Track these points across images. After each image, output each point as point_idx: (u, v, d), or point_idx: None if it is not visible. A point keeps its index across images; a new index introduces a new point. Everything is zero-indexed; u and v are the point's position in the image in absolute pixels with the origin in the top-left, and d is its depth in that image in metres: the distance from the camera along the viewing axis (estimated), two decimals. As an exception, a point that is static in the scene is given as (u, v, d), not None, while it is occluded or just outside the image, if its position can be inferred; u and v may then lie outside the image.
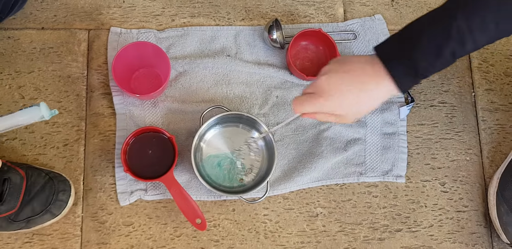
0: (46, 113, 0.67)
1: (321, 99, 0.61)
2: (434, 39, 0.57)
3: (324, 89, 0.61)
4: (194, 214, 0.81)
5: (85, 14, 0.93)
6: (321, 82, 0.61)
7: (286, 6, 0.98)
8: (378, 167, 0.91)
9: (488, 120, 0.96)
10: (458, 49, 0.58)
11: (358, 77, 0.60)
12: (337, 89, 0.61)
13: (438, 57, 0.58)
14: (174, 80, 0.91)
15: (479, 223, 0.91)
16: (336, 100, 0.61)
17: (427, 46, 0.58)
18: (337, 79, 0.60)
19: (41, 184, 0.79)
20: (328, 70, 0.61)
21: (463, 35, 0.57)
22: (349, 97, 0.61)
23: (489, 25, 0.57)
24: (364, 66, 0.60)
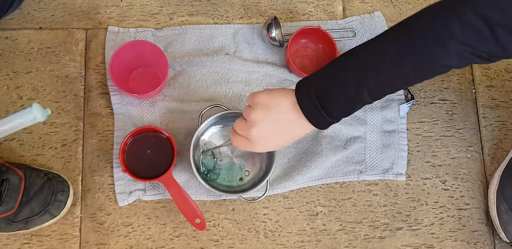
0: (39, 115, 0.66)
1: (252, 145, 0.68)
2: (348, 98, 0.62)
3: (254, 138, 0.67)
4: (193, 214, 0.80)
5: (83, 13, 0.93)
6: (251, 131, 0.66)
7: (285, 4, 0.97)
8: (378, 165, 0.91)
9: (489, 117, 0.95)
10: (370, 101, 0.63)
11: (285, 128, 0.66)
12: (264, 140, 0.67)
13: (352, 109, 0.64)
14: (173, 80, 0.90)
15: (480, 221, 0.90)
16: (262, 145, 0.68)
17: (342, 103, 0.63)
18: (265, 132, 0.66)
19: (39, 185, 0.79)
20: (256, 121, 0.66)
21: (375, 94, 0.62)
22: (274, 142, 0.68)
23: (395, 82, 0.61)
24: (288, 116, 0.65)
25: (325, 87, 0.62)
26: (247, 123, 0.67)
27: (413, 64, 0.58)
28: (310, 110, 0.63)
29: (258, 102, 0.66)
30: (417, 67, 0.59)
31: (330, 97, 0.62)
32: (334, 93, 0.62)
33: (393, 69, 0.59)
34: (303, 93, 0.64)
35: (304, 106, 0.63)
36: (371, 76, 0.60)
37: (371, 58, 0.60)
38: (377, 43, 0.61)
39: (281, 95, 0.65)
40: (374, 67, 0.60)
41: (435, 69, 0.59)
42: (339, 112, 0.64)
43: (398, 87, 0.61)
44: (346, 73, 0.61)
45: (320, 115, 0.63)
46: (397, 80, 0.60)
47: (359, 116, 0.92)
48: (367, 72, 0.60)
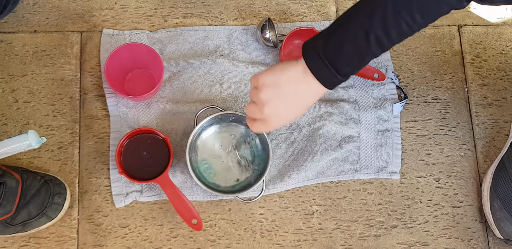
0: (34, 142, 0.66)
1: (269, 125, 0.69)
2: (356, 48, 0.62)
3: (269, 117, 0.68)
4: (190, 214, 0.81)
5: (77, 16, 0.93)
6: (264, 112, 0.67)
7: (278, 5, 0.98)
8: (373, 164, 0.92)
9: (481, 115, 0.96)
10: (378, 52, 0.63)
11: (296, 99, 0.67)
12: (279, 115, 0.68)
13: (361, 62, 0.64)
14: (168, 81, 0.91)
15: (474, 218, 0.91)
16: (278, 121, 0.69)
17: (350, 56, 0.63)
18: (278, 108, 0.67)
19: (36, 188, 0.79)
20: (266, 100, 0.66)
21: (383, 42, 0.62)
22: (289, 114, 0.69)
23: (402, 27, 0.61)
24: (297, 87, 0.66)
25: (332, 41, 0.62)
26: (258, 105, 0.67)
27: (417, 5, 0.59)
28: (319, 68, 0.63)
29: (264, 83, 0.66)
30: (421, 8, 0.59)
31: (338, 51, 0.62)
32: (341, 46, 0.62)
33: (399, 13, 0.60)
34: (311, 53, 0.64)
35: (313, 65, 0.63)
36: (377, 22, 0.60)
37: (375, 5, 0.61)
38: None
39: (285, 69, 0.66)
40: (379, 13, 0.60)
41: (439, 9, 0.60)
42: (348, 67, 0.64)
43: (404, 32, 0.62)
44: (352, 25, 0.62)
45: (329, 72, 0.63)
46: (403, 23, 0.61)
47: (353, 116, 0.93)
48: (373, 19, 0.60)
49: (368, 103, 0.94)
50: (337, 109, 0.92)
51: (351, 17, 0.63)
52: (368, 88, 0.95)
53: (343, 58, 0.63)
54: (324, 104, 0.92)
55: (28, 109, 0.88)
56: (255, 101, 0.68)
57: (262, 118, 0.68)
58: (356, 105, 0.93)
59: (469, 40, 1.00)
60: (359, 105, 0.94)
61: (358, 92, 0.94)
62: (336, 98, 0.94)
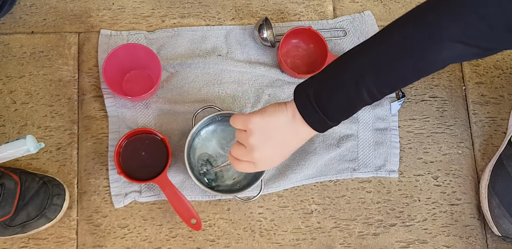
0: (32, 147, 0.66)
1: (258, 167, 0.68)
2: (348, 99, 0.62)
3: (258, 161, 0.67)
4: (189, 214, 0.81)
5: (75, 17, 0.93)
6: (254, 156, 0.66)
7: (275, 5, 0.98)
8: (371, 162, 0.92)
9: (479, 113, 0.96)
10: (369, 102, 0.63)
11: (286, 143, 0.67)
12: (269, 159, 0.67)
13: (352, 111, 0.64)
14: (166, 81, 0.91)
15: (472, 216, 0.91)
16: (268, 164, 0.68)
17: (342, 105, 0.63)
18: (268, 153, 0.66)
19: (35, 189, 0.79)
20: (256, 145, 0.66)
21: (374, 95, 0.62)
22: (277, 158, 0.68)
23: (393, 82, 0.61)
24: (287, 131, 0.66)
25: (323, 90, 0.62)
26: (247, 148, 0.66)
27: (410, 63, 0.59)
28: (309, 114, 0.63)
29: (254, 127, 0.65)
30: (414, 67, 0.59)
31: (329, 99, 0.62)
32: (333, 96, 0.62)
33: (391, 70, 0.60)
34: (302, 98, 0.63)
35: (303, 110, 0.63)
36: (369, 78, 0.60)
37: (368, 60, 0.60)
38: (372, 45, 0.62)
39: (275, 113, 0.65)
40: (371, 69, 0.60)
41: (433, 66, 0.60)
42: (339, 115, 0.64)
43: (397, 86, 0.62)
44: (344, 75, 0.62)
45: (320, 119, 0.63)
46: (395, 80, 0.61)
47: (351, 114, 0.93)
48: (364, 74, 0.60)
49: (366, 102, 0.94)
50: (335, 108, 0.92)
51: (343, 67, 0.63)
52: (366, 87, 0.95)
53: (334, 107, 0.63)
54: (322, 103, 0.92)
55: (26, 111, 0.88)
56: (245, 144, 0.67)
57: (251, 161, 0.67)
58: (354, 104, 0.94)
59: (466, 39, 1.00)
60: (357, 104, 0.94)
61: (355, 91, 0.95)
62: (334, 98, 0.94)
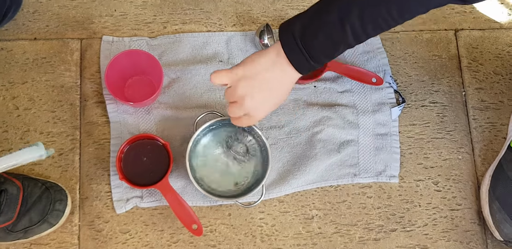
0: (45, 153, 0.69)
1: (253, 117, 0.70)
2: (332, 37, 0.63)
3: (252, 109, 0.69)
4: (190, 219, 0.81)
5: (77, 23, 0.94)
6: (246, 106, 0.68)
7: (276, 11, 0.99)
8: (372, 167, 0.92)
9: (479, 118, 0.97)
10: (353, 43, 0.64)
11: (274, 85, 0.68)
12: (262, 105, 0.69)
13: (335, 51, 0.65)
14: (167, 87, 0.92)
15: (473, 221, 0.91)
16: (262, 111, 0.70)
17: (325, 43, 0.63)
18: (259, 99, 0.67)
19: (37, 194, 0.80)
20: (245, 94, 0.67)
21: (358, 33, 0.63)
22: (270, 103, 0.69)
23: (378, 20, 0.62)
24: (273, 73, 0.66)
25: (309, 27, 0.63)
26: (238, 102, 0.67)
27: (397, 4, 0.60)
28: (292, 51, 0.64)
29: (238, 78, 0.66)
30: (400, 7, 0.61)
31: (314, 37, 0.63)
32: (317, 33, 0.62)
33: (378, 9, 0.61)
34: (286, 35, 0.64)
35: (287, 47, 0.64)
36: (355, 13, 0.61)
37: (354, 4, 0.61)
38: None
39: (257, 58, 0.67)
40: (358, 7, 0.61)
41: (417, 8, 0.62)
42: (321, 54, 0.64)
43: (381, 26, 0.63)
44: (329, 12, 0.62)
45: (303, 57, 0.64)
46: (380, 20, 0.62)
47: (352, 120, 0.93)
48: (350, 9, 0.61)
49: (366, 107, 0.95)
50: (336, 113, 0.93)
51: (329, 5, 0.63)
52: (366, 93, 0.95)
53: (317, 44, 0.63)
54: (322, 109, 0.93)
55: (28, 116, 0.89)
56: (234, 99, 0.68)
57: (245, 114, 0.69)
58: (355, 110, 0.94)
59: (465, 44, 1.00)
60: (357, 109, 0.94)
61: (356, 96, 0.95)
62: (334, 103, 0.94)
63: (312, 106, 0.93)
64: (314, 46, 0.63)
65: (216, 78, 0.68)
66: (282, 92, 0.69)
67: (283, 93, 0.69)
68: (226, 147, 0.87)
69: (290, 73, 0.67)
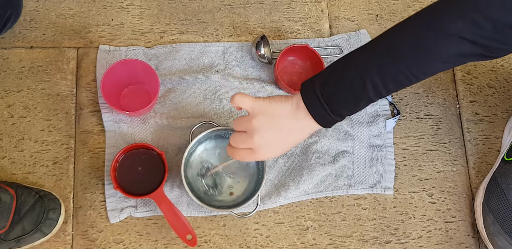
0: None
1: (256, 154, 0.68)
2: (353, 93, 0.63)
3: (258, 146, 0.67)
4: (184, 230, 0.81)
5: (74, 32, 0.94)
6: (254, 140, 0.66)
7: (273, 22, 0.99)
8: (367, 179, 0.92)
9: (473, 131, 0.97)
10: (374, 98, 0.64)
11: (288, 133, 0.67)
12: (268, 146, 0.67)
13: (356, 106, 0.65)
14: (163, 97, 0.92)
15: (467, 233, 0.92)
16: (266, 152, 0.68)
17: (346, 99, 0.64)
18: (269, 138, 0.67)
19: (31, 203, 0.79)
20: (258, 128, 0.66)
21: (378, 90, 0.63)
22: (277, 147, 0.68)
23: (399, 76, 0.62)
24: (291, 121, 0.66)
25: (330, 83, 0.64)
26: (248, 133, 0.67)
27: (416, 61, 0.61)
28: (313, 105, 0.64)
29: (259, 110, 0.66)
30: (419, 64, 0.61)
31: (335, 93, 0.63)
32: (339, 89, 0.63)
33: (397, 66, 0.61)
34: (307, 89, 0.65)
35: (309, 103, 0.64)
36: (375, 72, 0.61)
37: (375, 56, 0.62)
38: (380, 42, 0.63)
39: (280, 102, 0.66)
40: (378, 63, 0.61)
41: (437, 66, 0.62)
42: (344, 109, 0.65)
43: (402, 83, 0.63)
44: (350, 69, 0.63)
45: (324, 111, 0.64)
46: (400, 76, 0.62)
47: (347, 131, 0.94)
48: (371, 69, 0.62)
49: (362, 119, 0.95)
50: (331, 125, 0.93)
51: (349, 62, 0.64)
52: (362, 104, 0.96)
53: (339, 101, 0.64)
54: (318, 120, 0.93)
55: (23, 125, 0.88)
56: (245, 128, 0.67)
57: (250, 147, 0.67)
58: (350, 121, 0.95)
59: (459, 58, 1.01)
60: (352, 121, 0.95)
61: (351, 108, 0.96)
62: (330, 114, 0.95)
63: (307, 117, 0.93)
64: (334, 100, 0.64)
65: (239, 100, 0.67)
66: (295, 141, 0.68)
67: (295, 141, 0.69)
68: (200, 175, 0.86)
69: (309, 125, 0.67)
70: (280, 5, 1.00)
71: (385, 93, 0.64)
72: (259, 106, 0.66)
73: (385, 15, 1.02)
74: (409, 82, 0.63)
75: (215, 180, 0.87)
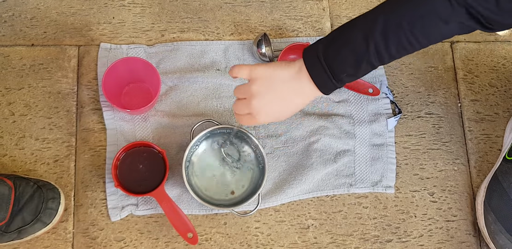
0: None
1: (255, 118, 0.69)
2: (354, 53, 0.63)
3: (256, 110, 0.67)
4: (185, 228, 0.81)
5: (75, 30, 0.94)
6: (253, 105, 0.67)
7: (274, 21, 0.99)
8: (368, 178, 0.92)
9: (474, 130, 0.97)
10: (375, 62, 0.64)
11: (287, 96, 0.67)
12: (267, 109, 0.67)
13: (357, 69, 0.65)
14: (165, 95, 0.92)
15: (468, 232, 0.91)
16: (265, 116, 0.68)
17: (348, 60, 0.64)
18: (267, 101, 0.67)
19: (29, 193, 0.79)
20: (257, 93, 0.66)
21: (381, 52, 0.63)
22: (276, 111, 0.68)
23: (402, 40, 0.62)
24: (290, 85, 0.66)
25: (332, 45, 0.64)
26: (247, 98, 0.67)
27: (418, 23, 0.60)
28: (315, 70, 0.64)
29: (257, 75, 0.66)
30: (423, 26, 0.61)
31: (337, 55, 0.63)
32: (341, 51, 0.63)
33: (401, 31, 0.61)
34: (310, 54, 0.65)
35: (310, 66, 0.64)
36: (378, 35, 0.61)
37: (378, 19, 0.62)
38: (384, 7, 0.63)
39: (281, 66, 0.67)
40: (381, 27, 0.61)
41: (440, 29, 0.62)
42: (344, 73, 0.64)
43: (405, 48, 0.63)
44: (354, 32, 0.63)
45: (325, 75, 0.64)
46: (403, 39, 0.62)
47: (348, 130, 0.94)
48: (374, 31, 0.61)
49: (363, 117, 0.95)
50: (332, 123, 0.93)
51: (354, 24, 0.65)
52: (363, 103, 0.96)
53: (340, 62, 0.64)
54: (319, 118, 0.93)
55: (24, 122, 0.88)
56: (244, 94, 0.67)
57: (250, 112, 0.68)
58: (351, 120, 0.94)
59: (461, 56, 1.01)
60: (354, 119, 0.95)
61: (352, 107, 0.96)
62: (331, 113, 0.95)
63: (308, 116, 0.93)
64: (337, 63, 0.64)
65: (238, 70, 0.68)
66: (293, 106, 0.68)
67: (293, 107, 0.69)
68: (219, 147, 0.87)
69: (308, 91, 0.67)
70: (282, 4, 1.00)
71: (387, 58, 0.64)
72: (258, 71, 0.66)
73: (387, 13, 1.02)
74: (412, 47, 0.63)
75: (240, 154, 0.87)
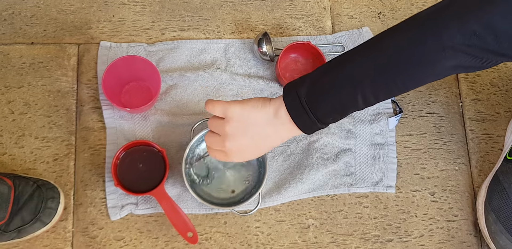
0: None
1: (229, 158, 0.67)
2: (340, 101, 0.61)
3: (229, 151, 0.65)
4: (185, 227, 0.80)
5: (75, 28, 0.94)
6: (226, 145, 0.64)
7: (275, 19, 0.99)
8: (368, 177, 0.92)
9: (475, 130, 0.97)
10: (362, 107, 0.62)
11: (261, 141, 0.65)
12: (241, 151, 0.66)
13: (343, 114, 0.63)
14: (165, 94, 0.91)
15: (469, 232, 0.91)
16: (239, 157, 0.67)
17: (333, 108, 0.61)
18: (241, 145, 0.64)
19: (29, 193, 0.78)
20: (231, 135, 0.64)
21: (369, 100, 0.61)
22: (250, 153, 0.67)
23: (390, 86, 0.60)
24: (266, 130, 0.64)
25: (316, 91, 0.60)
26: (221, 136, 0.64)
27: (410, 71, 0.58)
28: (299, 115, 0.61)
29: (232, 116, 0.63)
30: (413, 74, 0.58)
31: (322, 102, 0.60)
32: (326, 98, 0.60)
33: (390, 76, 0.58)
34: (292, 98, 0.61)
35: (293, 111, 0.61)
36: (367, 83, 0.59)
37: (367, 64, 0.59)
38: (372, 48, 0.60)
39: (257, 107, 0.63)
40: (370, 73, 0.59)
41: (431, 78, 0.59)
42: (329, 118, 0.62)
43: (394, 93, 0.61)
44: (340, 78, 0.60)
45: (310, 121, 0.61)
46: (392, 86, 0.60)
47: (349, 129, 0.93)
48: (363, 79, 0.59)
49: (364, 117, 0.94)
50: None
51: (340, 66, 0.61)
52: (364, 102, 0.95)
53: (326, 110, 0.61)
54: (320, 117, 0.93)
55: (24, 121, 0.88)
56: (218, 132, 0.65)
57: (222, 150, 0.66)
58: (352, 119, 0.94)
59: (462, 56, 1.01)
60: (354, 119, 0.94)
61: (353, 106, 0.95)
62: (332, 112, 0.94)
63: (309, 115, 0.93)
64: (322, 111, 0.61)
65: (211, 107, 0.65)
66: (271, 146, 0.66)
67: (271, 147, 0.66)
68: (189, 163, 0.86)
69: (287, 133, 0.64)
70: (282, 2, 1.00)
71: (374, 102, 0.61)
72: (232, 111, 0.63)
73: (388, 12, 1.02)
74: (399, 92, 0.61)
75: (209, 170, 0.86)
